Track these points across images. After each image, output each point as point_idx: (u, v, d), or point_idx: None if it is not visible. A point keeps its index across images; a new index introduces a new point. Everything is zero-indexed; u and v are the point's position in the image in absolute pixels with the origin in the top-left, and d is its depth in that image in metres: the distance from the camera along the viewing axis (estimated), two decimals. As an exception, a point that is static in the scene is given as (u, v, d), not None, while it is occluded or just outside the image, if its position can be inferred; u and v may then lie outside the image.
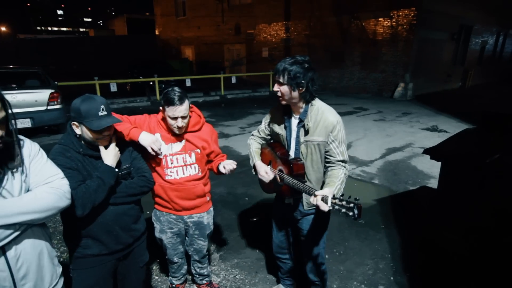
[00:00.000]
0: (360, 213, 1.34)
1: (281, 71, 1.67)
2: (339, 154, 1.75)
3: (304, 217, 1.95)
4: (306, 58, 1.68)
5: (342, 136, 1.75)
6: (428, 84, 13.47)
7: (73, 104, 1.47)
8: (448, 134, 7.05)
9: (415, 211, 3.71)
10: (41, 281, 1.24)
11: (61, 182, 1.27)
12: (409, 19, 11.82)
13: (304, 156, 1.79)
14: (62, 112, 6.57)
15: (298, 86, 1.65)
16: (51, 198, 1.18)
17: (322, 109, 1.75)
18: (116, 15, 44.98)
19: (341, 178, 1.71)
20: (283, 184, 1.81)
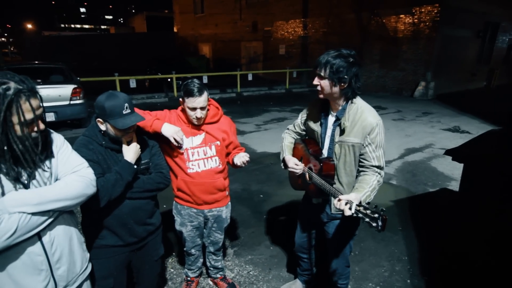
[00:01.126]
0: (385, 226, 1.26)
1: (323, 64, 1.56)
2: (375, 158, 1.63)
3: (331, 220, 1.88)
4: (352, 52, 1.57)
5: (380, 140, 1.62)
6: (451, 83, 13.02)
7: (97, 102, 1.51)
8: (470, 135, 6.80)
9: (434, 214, 3.61)
10: (73, 265, 1.30)
11: (88, 170, 1.32)
12: (432, 16, 11.44)
13: (337, 157, 1.70)
14: (84, 107, 6.78)
15: (340, 81, 1.55)
16: (80, 185, 1.24)
17: (362, 109, 1.64)
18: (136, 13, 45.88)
19: (373, 185, 1.59)
20: (311, 182, 1.75)
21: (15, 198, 1.07)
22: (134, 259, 1.78)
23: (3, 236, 1.02)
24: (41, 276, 1.17)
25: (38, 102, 1.11)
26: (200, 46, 24.58)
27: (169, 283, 2.50)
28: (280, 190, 4.18)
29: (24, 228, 1.07)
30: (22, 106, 1.05)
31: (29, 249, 1.14)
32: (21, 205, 1.07)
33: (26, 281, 1.14)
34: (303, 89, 14.36)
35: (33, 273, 1.15)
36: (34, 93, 1.10)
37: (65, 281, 1.28)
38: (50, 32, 36.33)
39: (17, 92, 1.04)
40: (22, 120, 1.05)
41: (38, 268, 1.16)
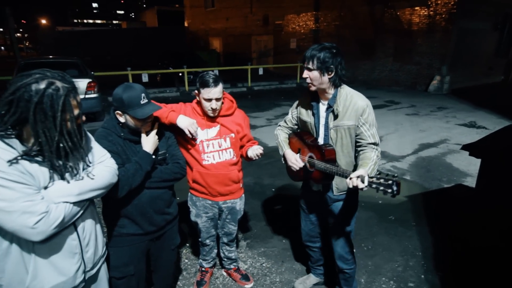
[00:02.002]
0: (399, 190, 1.34)
1: (309, 57, 1.72)
2: (370, 136, 1.77)
3: (334, 203, 1.96)
4: (333, 45, 1.73)
5: (372, 119, 1.77)
6: (467, 78, 12.68)
7: (114, 94, 1.54)
8: (487, 130, 6.63)
9: (449, 210, 3.55)
10: (96, 249, 1.38)
11: (111, 160, 1.39)
12: (448, 8, 11.13)
13: (334, 141, 1.82)
14: (99, 100, 6.89)
15: (327, 70, 1.70)
16: (108, 175, 1.31)
17: (351, 94, 1.78)
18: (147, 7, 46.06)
19: (374, 159, 1.72)
20: (313, 170, 1.83)
21: (59, 189, 1.13)
22: (152, 247, 1.83)
23: (53, 224, 1.08)
24: (75, 258, 1.25)
25: (79, 97, 1.18)
26: (211, 40, 24.57)
27: (183, 273, 2.55)
28: (292, 184, 4.18)
29: (69, 216, 1.15)
30: (72, 104, 1.11)
31: (66, 234, 1.21)
32: (65, 195, 1.14)
33: (63, 264, 1.22)
34: (314, 84, 14.21)
35: (69, 256, 1.23)
36: (76, 89, 1.16)
37: (92, 263, 1.35)
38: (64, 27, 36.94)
39: (67, 92, 1.09)
40: (72, 117, 1.11)
41: (73, 251, 1.24)
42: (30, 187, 1.05)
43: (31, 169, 1.07)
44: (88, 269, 1.33)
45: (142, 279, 1.81)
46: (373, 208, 3.53)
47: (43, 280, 1.17)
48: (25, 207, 1.02)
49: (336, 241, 2.03)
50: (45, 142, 1.06)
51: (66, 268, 1.22)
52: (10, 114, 1.04)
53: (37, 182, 1.09)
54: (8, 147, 1.04)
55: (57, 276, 1.19)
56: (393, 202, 3.67)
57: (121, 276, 1.68)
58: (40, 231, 1.05)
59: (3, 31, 43.99)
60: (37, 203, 1.05)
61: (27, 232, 1.04)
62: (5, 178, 1.00)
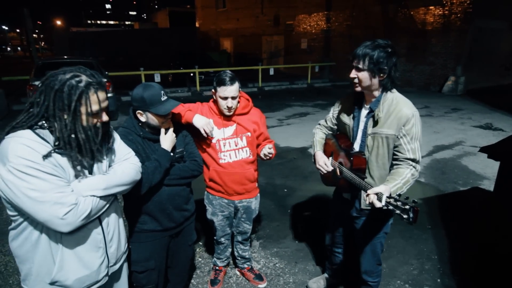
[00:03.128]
0: (416, 218, 1.22)
1: (361, 56, 1.54)
2: (409, 151, 1.58)
3: (361, 215, 1.85)
4: (389, 43, 1.55)
5: (416, 132, 1.57)
6: (482, 78, 12.38)
7: (135, 94, 1.57)
8: (504, 132, 6.47)
9: (465, 213, 3.48)
10: (119, 244, 1.41)
11: (136, 158, 1.42)
12: (464, 7, 10.90)
13: (370, 150, 1.67)
14: (113, 100, 7.00)
15: (380, 72, 1.54)
16: (133, 172, 1.35)
17: (397, 100, 1.60)
18: (159, 8, 46.57)
19: (406, 177, 1.54)
20: (341, 177, 1.74)
21: (87, 183, 1.17)
22: (171, 243, 1.86)
23: (81, 216, 1.12)
24: (99, 252, 1.28)
25: (104, 95, 1.20)
26: (222, 40, 24.68)
27: (197, 272, 2.57)
28: (304, 184, 4.17)
29: (96, 209, 1.18)
30: (90, 98, 1.13)
31: (92, 228, 1.25)
32: (92, 189, 1.18)
33: (88, 257, 1.25)
34: (325, 84, 14.15)
35: (93, 250, 1.26)
36: (102, 86, 1.18)
37: (115, 259, 1.38)
38: (78, 28, 37.60)
39: (87, 85, 1.12)
40: (89, 111, 1.13)
41: (97, 245, 1.27)
42: (61, 179, 1.10)
43: (62, 162, 1.11)
44: (112, 264, 1.36)
45: (162, 273, 1.85)
46: (387, 210, 3.49)
47: (69, 272, 1.20)
48: (57, 198, 1.06)
49: (364, 254, 1.94)
50: (59, 130, 1.10)
51: (90, 262, 1.25)
52: (40, 103, 1.10)
53: (67, 175, 1.13)
54: (41, 140, 1.08)
55: (81, 269, 1.23)
56: (419, 207, 3.61)
57: (143, 270, 1.72)
58: (68, 222, 1.09)
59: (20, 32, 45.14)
60: (67, 194, 1.09)
61: (57, 223, 1.07)
62: (40, 170, 1.04)
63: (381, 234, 1.87)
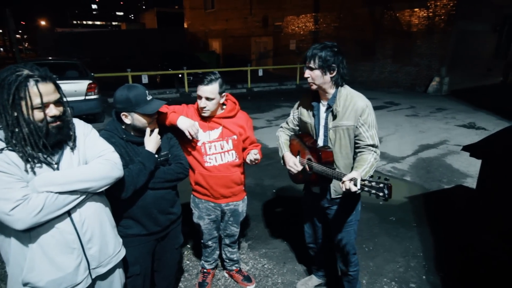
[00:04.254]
0: (391, 193, 1.32)
1: (311, 56, 1.70)
2: (369, 138, 1.73)
3: (332, 205, 1.95)
4: (335, 44, 1.72)
5: (372, 120, 1.74)
6: (466, 79, 12.71)
7: (119, 96, 1.55)
8: (487, 131, 6.65)
9: (450, 211, 3.56)
10: (105, 247, 1.36)
11: (113, 154, 1.38)
12: (448, 10, 11.17)
13: (333, 142, 1.80)
14: (99, 102, 6.90)
15: (329, 69, 1.69)
16: (104, 168, 1.29)
17: (351, 94, 1.76)
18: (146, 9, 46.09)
19: (370, 161, 1.69)
20: (312, 173, 1.81)
21: (43, 179, 1.14)
22: (157, 247, 1.84)
23: (32, 212, 1.08)
24: (73, 254, 1.24)
25: (48, 88, 1.15)
26: (210, 41, 24.59)
27: (185, 275, 2.55)
28: (292, 185, 4.19)
29: (51, 206, 1.13)
30: (30, 90, 1.10)
31: (61, 228, 1.20)
32: (48, 185, 1.14)
33: (60, 259, 1.21)
34: (314, 85, 14.24)
35: (66, 251, 1.22)
36: (44, 78, 1.14)
37: (97, 261, 1.34)
38: (63, 28, 36.89)
39: (26, 77, 1.10)
40: (29, 104, 1.11)
41: (70, 246, 1.23)
42: (10, 175, 1.08)
43: (16, 159, 1.10)
44: (94, 267, 1.32)
45: (147, 278, 1.82)
46: (374, 209, 3.54)
47: (40, 274, 1.17)
48: (2, 194, 1.05)
49: (338, 243, 2.02)
50: (5, 127, 1.09)
51: (63, 263, 1.21)
52: None
53: (23, 171, 1.11)
54: None
55: (54, 271, 1.19)
56: (394, 203, 3.67)
57: (128, 275, 1.69)
58: (18, 218, 1.06)
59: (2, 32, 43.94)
60: (14, 190, 1.07)
61: (6, 219, 1.06)
62: None
63: (353, 221, 1.97)
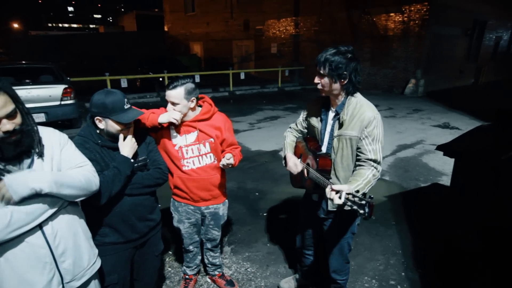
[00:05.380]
0: (372, 212, 1.27)
1: (322, 62, 1.60)
2: (371, 152, 1.64)
3: (329, 216, 1.89)
4: (350, 48, 1.61)
5: (377, 133, 1.64)
6: (440, 81, 13.23)
7: (95, 100, 1.51)
8: (460, 131, 6.93)
9: (426, 208, 3.68)
10: (79, 259, 1.32)
11: (92, 168, 1.35)
12: (422, 14, 11.60)
13: (335, 151, 1.73)
14: (75, 107, 6.68)
15: (339, 77, 1.59)
16: (89, 179, 1.27)
17: (361, 103, 1.67)
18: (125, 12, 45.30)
19: (367, 178, 1.59)
20: (307, 178, 1.77)
21: (35, 175, 1.11)
22: (136, 255, 1.79)
23: None
24: (45, 269, 1.19)
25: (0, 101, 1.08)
26: (192, 45, 24.42)
27: (167, 282, 2.50)
28: (275, 187, 4.21)
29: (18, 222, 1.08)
30: None
31: (31, 241, 1.15)
32: (39, 181, 1.11)
33: (31, 274, 1.16)
34: (296, 88, 14.41)
35: (37, 266, 1.17)
36: None
37: (71, 275, 1.29)
38: (37, 31, 35.60)
39: None
40: None
41: (42, 260, 1.18)
42: None
43: None
44: (68, 281, 1.28)
45: (126, 287, 1.77)
46: (354, 209, 3.60)
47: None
48: None
49: (332, 254, 1.98)
50: None
51: (34, 279, 1.16)
52: None
53: None
54: None
55: (25, 286, 1.15)
56: (374, 203, 3.75)
57: (106, 285, 1.64)
58: None
59: (-28, 36, 41.92)
60: None
61: None
62: None
63: (348, 234, 1.92)
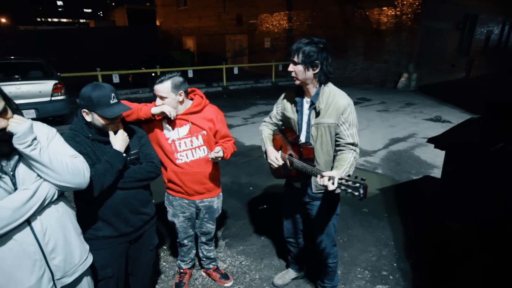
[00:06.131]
0: (366, 193, 1.35)
1: (295, 50, 1.69)
2: (349, 136, 1.75)
3: (313, 200, 1.97)
4: (322, 40, 1.70)
5: (353, 118, 1.75)
6: (432, 75, 13.36)
7: (83, 93, 1.50)
8: (451, 124, 7.02)
9: (418, 200, 3.74)
10: (70, 256, 1.31)
11: (84, 161, 1.35)
12: (414, 8, 11.66)
13: (314, 139, 1.81)
14: (66, 103, 6.58)
15: (312, 65, 1.67)
16: (73, 165, 1.27)
17: (334, 92, 1.76)
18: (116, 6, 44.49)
19: (350, 161, 1.71)
20: (292, 168, 1.83)
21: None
22: (130, 249, 1.80)
23: None
24: (35, 266, 1.18)
25: None
26: (184, 39, 24.17)
27: (161, 276, 2.51)
28: (269, 182, 4.23)
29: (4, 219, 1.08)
30: None
31: (20, 239, 1.14)
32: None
33: (20, 272, 1.15)
34: (290, 82, 14.38)
35: (27, 264, 1.16)
36: None
37: (62, 272, 1.28)
38: (26, 26, 34.87)
39: None
40: None
41: (32, 258, 1.17)
42: None
43: None
44: (58, 277, 1.27)
45: (121, 281, 1.77)
46: (347, 202, 3.64)
47: None
48: None
49: (319, 237, 2.05)
50: None
51: (24, 277, 1.16)
52: None
53: None
54: None
55: (14, 285, 1.14)
56: (367, 195, 3.80)
57: (100, 279, 1.65)
58: None
59: (-43, 31, 40.84)
60: None
61: None
62: None
63: (333, 215, 2.01)
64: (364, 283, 2.47)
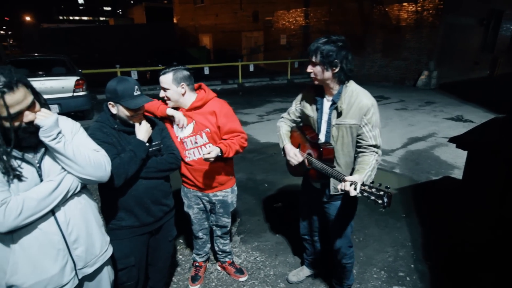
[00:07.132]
0: (390, 202, 1.30)
1: (313, 50, 1.64)
2: (372, 138, 1.69)
3: (331, 201, 1.93)
4: (341, 37, 1.64)
5: (376, 119, 1.69)
6: (454, 73, 12.92)
7: (108, 86, 1.58)
8: (474, 124, 6.78)
9: (437, 201, 3.64)
10: (92, 247, 1.36)
11: (106, 155, 1.39)
12: (436, 4, 11.29)
13: (335, 139, 1.76)
14: (88, 99, 6.79)
15: (331, 65, 1.62)
16: (95, 159, 1.31)
17: (357, 91, 1.70)
18: (134, 4, 45.25)
19: (372, 164, 1.65)
20: (310, 168, 1.80)
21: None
22: (151, 240, 1.85)
23: (10, 216, 1.07)
24: (59, 255, 1.23)
25: (17, 96, 1.08)
26: (201, 37, 24.37)
27: (178, 269, 2.56)
28: (284, 179, 4.22)
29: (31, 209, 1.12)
30: None
31: (45, 228, 1.19)
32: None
33: (45, 260, 1.19)
34: (305, 80, 14.27)
35: (51, 253, 1.21)
36: (10, 88, 1.06)
37: (84, 262, 1.33)
38: (49, 24, 35.98)
39: None
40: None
41: (55, 247, 1.22)
42: None
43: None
44: (80, 267, 1.31)
45: (142, 270, 1.84)
46: (364, 201, 3.56)
47: (24, 276, 1.16)
48: None
49: (335, 236, 2.02)
50: None
51: (49, 265, 1.20)
52: None
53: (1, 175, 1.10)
54: None
55: (38, 273, 1.18)
56: (392, 192, 3.73)
57: (122, 267, 1.71)
58: None
59: (-15, 29, 42.66)
60: None
61: None
62: None
63: (350, 216, 1.98)
64: (380, 283, 2.43)
